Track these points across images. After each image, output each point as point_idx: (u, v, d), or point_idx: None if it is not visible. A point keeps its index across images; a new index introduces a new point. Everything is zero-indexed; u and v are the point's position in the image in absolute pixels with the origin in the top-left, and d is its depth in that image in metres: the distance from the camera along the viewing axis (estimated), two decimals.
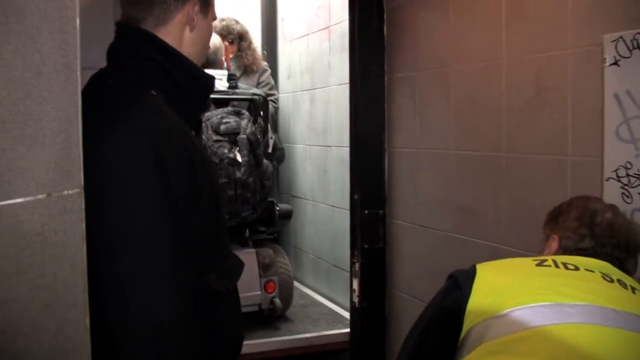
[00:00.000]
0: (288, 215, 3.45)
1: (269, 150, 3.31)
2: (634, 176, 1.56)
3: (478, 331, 1.09)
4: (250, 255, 3.06)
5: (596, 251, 1.28)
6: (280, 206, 3.37)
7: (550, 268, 1.16)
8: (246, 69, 3.68)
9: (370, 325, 2.68)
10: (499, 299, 1.11)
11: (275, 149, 3.49)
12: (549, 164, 1.85)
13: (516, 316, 1.06)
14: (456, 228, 2.25)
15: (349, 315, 2.90)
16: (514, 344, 1.04)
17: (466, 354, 1.09)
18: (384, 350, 2.69)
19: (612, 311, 1.05)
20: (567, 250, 1.31)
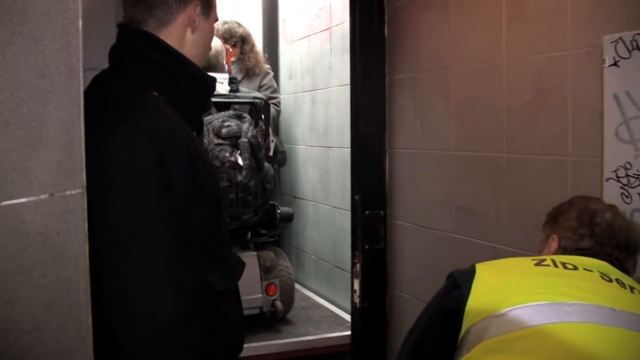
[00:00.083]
0: (289, 218, 3.45)
1: (270, 153, 3.31)
2: (633, 176, 1.57)
3: (477, 330, 1.10)
4: (251, 258, 3.05)
5: (595, 251, 1.28)
6: (281, 209, 3.37)
7: (549, 267, 1.17)
8: (248, 71, 3.67)
9: (371, 326, 2.69)
10: (497, 298, 1.11)
11: (277, 153, 3.48)
12: (549, 164, 1.85)
13: (515, 315, 1.07)
14: (457, 228, 2.26)
15: (350, 318, 2.90)
16: (513, 342, 1.04)
17: (465, 352, 1.10)
18: (385, 351, 2.69)
19: (610, 310, 1.05)
20: (566, 250, 1.31)
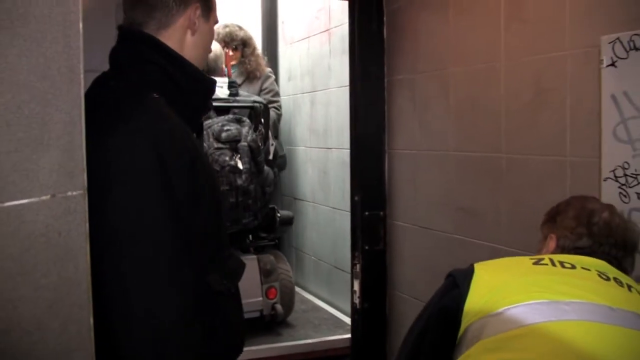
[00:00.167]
0: (289, 222, 3.46)
1: (270, 157, 3.32)
2: (631, 176, 1.57)
3: (476, 329, 1.10)
4: (251, 261, 3.06)
5: (593, 250, 1.29)
6: (281, 212, 3.38)
7: (547, 266, 1.17)
8: (249, 75, 3.66)
9: (371, 326, 2.69)
10: (496, 297, 1.12)
11: (276, 156, 3.49)
12: (548, 164, 1.86)
13: (513, 314, 1.07)
14: (456, 229, 2.26)
15: (350, 321, 2.90)
16: (511, 341, 1.05)
17: (464, 351, 1.10)
18: (385, 351, 2.70)
19: (608, 308, 1.06)
20: (564, 249, 1.32)
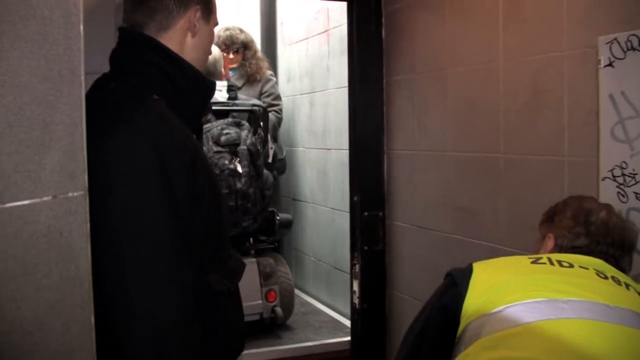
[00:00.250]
0: (288, 225, 3.47)
1: (269, 160, 3.32)
2: (629, 175, 1.58)
3: (474, 327, 1.11)
4: (251, 264, 3.06)
5: (591, 249, 1.30)
6: (280, 216, 3.39)
7: (545, 265, 1.18)
8: (249, 78, 3.65)
9: (370, 326, 2.70)
10: (494, 296, 1.13)
11: (276, 160, 3.49)
12: (546, 164, 1.86)
13: (511, 312, 1.08)
14: (455, 229, 2.27)
15: (349, 323, 2.90)
16: (509, 339, 1.06)
17: (463, 349, 1.11)
18: (385, 351, 2.70)
19: (606, 307, 1.07)
20: (562, 249, 1.33)
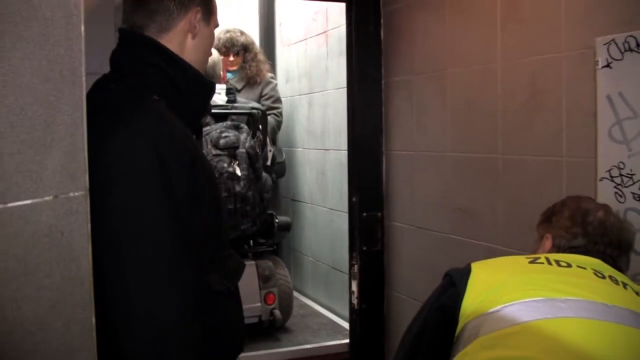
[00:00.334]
0: (287, 228, 3.47)
1: (268, 163, 3.33)
2: (626, 176, 1.59)
3: (473, 327, 1.12)
4: (250, 267, 3.07)
5: (588, 249, 1.30)
6: (279, 218, 3.40)
7: (543, 265, 1.19)
8: (249, 80, 3.65)
9: (369, 327, 2.70)
10: (493, 295, 1.13)
11: (275, 162, 3.49)
12: (544, 165, 1.87)
13: (509, 312, 1.08)
14: (454, 229, 2.27)
15: (348, 326, 2.91)
16: (507, 338, 1.06)
17: (462, 348, 1.12)
18: (383, 351, 2.71)
19: (603, 305, 1.07)
20: (560, 249, 1.33)
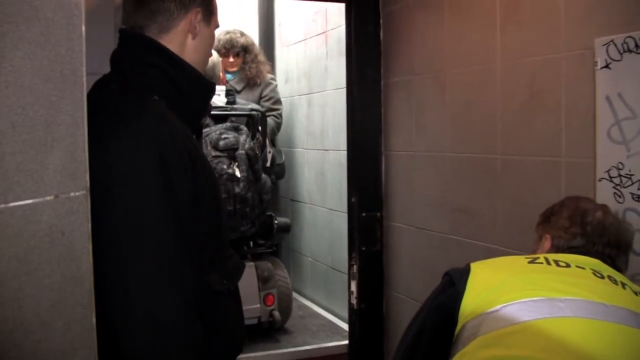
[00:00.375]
0: (286, 229, 3.48)
1: (267, 164, 3.33)
2: (625, 176, 1.59)
3: (472, 326, 1.12)
4: (249, 268, 3.07)
5: (587, 249, 1.31)
6: (278, 220, 3.40)
7: (542, 265, 1.19)
8: (249, 81, 3.65)
9: (368, 327, 2.70)
10: (492, 295, 1.14)
11: (274, 164, 3.50)
12: (543, 165, 1.87)
13: (508, 311, 1.09)
14: (453, 229, 2.28)
15: (347, 327, 2.91)
16: (505, 337, 1.06)
17: (461, 348, 1.12)
18: (382, 351, 2.71)
19: (602, 305, 1.07)
20: (559, 249, 1.34)
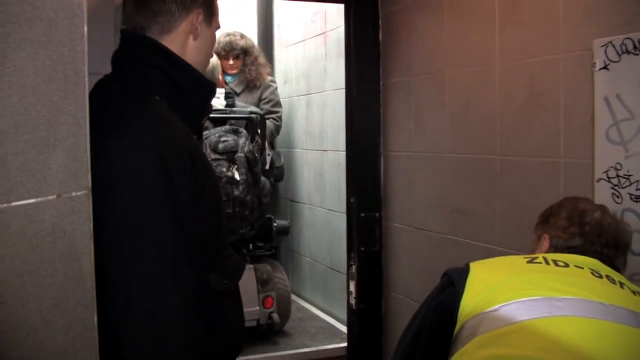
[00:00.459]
0: (285, 232, 3.49)
1: (266, 167, 3.34)
2: (623, 177, 1.60)
3: (471, 326, 1.12)
4: (248, 271, 3.08)
5: (585, 249, 1.31)
6: (277, 222, 3.41)
7: (540, 265, 1.19)
8: (249, 84, 3.66)
9: (367, 327, 2.70)
10: (491, 294, 1.14)
11: (273, 166, 3.50)
12: (542, 166, 1.88)
13: (507, 310, 1.09)
14: (451, 230, 2.28)
15: (345, 329, 2.91)
16: (504, 337, 1.07)
17: (460, 347, 1.12)
18: (381, 351, 2.71)
19: (600, 304, 1.08)
20: (557, 249, 1.34)
